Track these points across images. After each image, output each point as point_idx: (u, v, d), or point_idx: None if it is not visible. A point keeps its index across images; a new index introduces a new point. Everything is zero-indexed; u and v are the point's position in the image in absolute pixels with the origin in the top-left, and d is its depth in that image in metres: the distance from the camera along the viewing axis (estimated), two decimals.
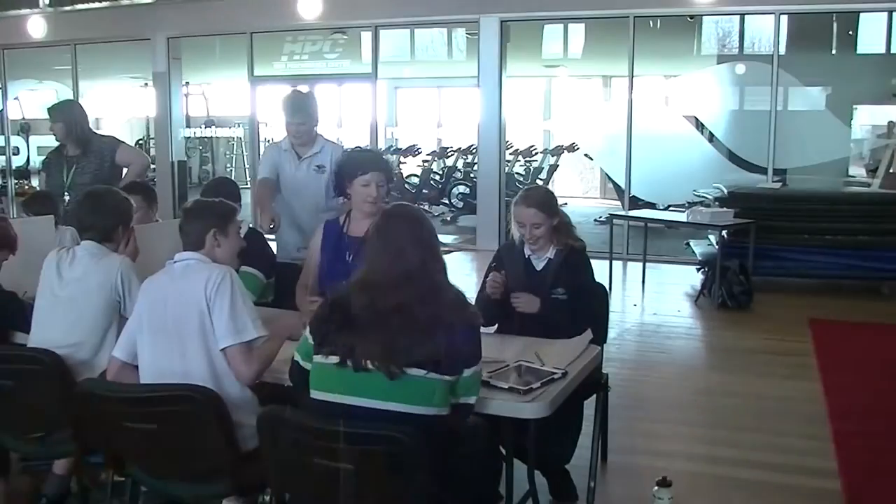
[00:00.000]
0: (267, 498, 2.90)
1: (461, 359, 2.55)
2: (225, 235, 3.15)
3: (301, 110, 4.87)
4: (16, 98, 14.95)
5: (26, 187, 15.13)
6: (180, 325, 2.93)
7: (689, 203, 9.95)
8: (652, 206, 11.31)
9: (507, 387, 2.84)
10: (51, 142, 17.09)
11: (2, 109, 14.61)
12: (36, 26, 13.55)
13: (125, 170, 5.58)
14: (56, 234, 4.50)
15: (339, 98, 15.02)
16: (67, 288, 3.40)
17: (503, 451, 3.02)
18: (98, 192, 3.70)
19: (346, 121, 15.10)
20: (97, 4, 13.34)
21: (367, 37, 12.04)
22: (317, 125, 4.96)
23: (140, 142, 18.66)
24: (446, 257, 2.70)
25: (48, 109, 5.87)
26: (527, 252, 3.81)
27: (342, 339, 2.49)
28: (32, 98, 16.29)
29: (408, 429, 2.36)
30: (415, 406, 2.48)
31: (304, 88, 5.74)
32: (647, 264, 9.09)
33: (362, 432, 2.39)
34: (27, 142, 15.74)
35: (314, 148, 4.91)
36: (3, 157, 14.81)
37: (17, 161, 15.20)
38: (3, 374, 3.23)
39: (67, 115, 5.77)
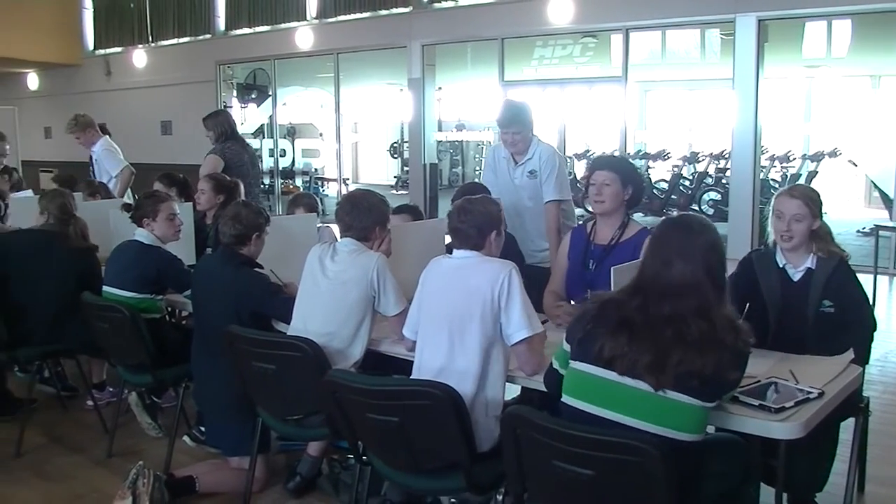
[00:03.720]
0: (500, 497, 2.92)
1: (727, 384, 2.48)
2: (500, 235, 3.27)
3: (515, 121, 4.93)
4: (284, 104, 16.05)
5: (291, 186, 16.22)
6: (463, 320, 3.01)
7: None
8: None
9: (757, 404, 2.69)
10: (314, 144, 18.02)
11: (272, 115, 15.78)
12: (303, 37, 14.55)
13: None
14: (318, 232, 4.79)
15: (589, 101, 14.93)
16: (327, 280, 3.58)
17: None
18: (355, 195, 3.85)
19: (595, 125, 15.01)
20: (358, 15, 14.09)
21: (617, 39, 11.91)
22: (531, 131, 4.97)
23: (395, 145, 19.53)
24: None
25: (204, 119, 6.44)
26: (781, 261, 3.61)
27: (614, 341, 2.44)
28: (298, 103, 17.43)
29: (657, 442, 2.30)
30: (671, 430, 2.40)
31: (515, 97, 5.67)
32: None
33: (608, 439, 2.34)
34: (293, 144, 16.90)
35: (528, 154, 4.96)
36: (272, 159, 15.94)
37: (284, 162, 16.33)
38: (267, 359, 3.45)
39: (216, 124, 6.33)
